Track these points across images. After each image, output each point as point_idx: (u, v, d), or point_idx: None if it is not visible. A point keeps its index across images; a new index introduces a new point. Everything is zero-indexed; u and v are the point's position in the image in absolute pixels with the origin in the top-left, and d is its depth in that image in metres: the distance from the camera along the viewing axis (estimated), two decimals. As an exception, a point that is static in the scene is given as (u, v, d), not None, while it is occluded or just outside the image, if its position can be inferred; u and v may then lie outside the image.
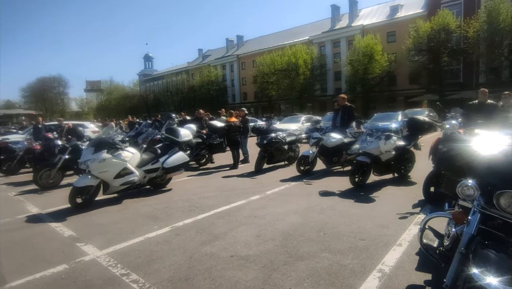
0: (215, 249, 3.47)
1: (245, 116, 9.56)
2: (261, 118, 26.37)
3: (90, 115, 61.09)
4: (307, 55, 38.08)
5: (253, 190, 6.15)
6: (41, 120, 13.12)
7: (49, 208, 5.46)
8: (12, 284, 2.92)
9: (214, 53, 61.50)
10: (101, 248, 3.65)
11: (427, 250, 2.52)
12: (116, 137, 5.72)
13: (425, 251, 2.53)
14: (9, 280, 3.00)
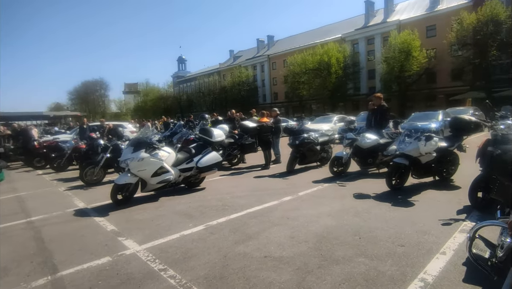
0: (248, 249, 3.50)
1: (277, 116, 9.54)
2: (292, 119, 26.14)
3: (128, 116, 64.21)
4: (340, 54, 37.18)
5: (285, 190, 6.13)
6: (86, 121, 14.02)
7: (93, 203, 5.83)
8: (63, 273, 3.15)
9: (245, 54, 62.03)
10: (140, 243, 3.83)
11: (477, 260, 2.35)
12: (153, 138, 5.97)
13: (475, 261, 2.36)
14: (60, 269, 3.25)
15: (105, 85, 71.05)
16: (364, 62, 40.93)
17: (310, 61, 37.29)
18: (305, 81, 38.27)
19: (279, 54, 50.75)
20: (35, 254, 3.68)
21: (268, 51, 55.21)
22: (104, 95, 71.95)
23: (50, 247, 3.86)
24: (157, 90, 67.06)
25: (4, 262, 3.49)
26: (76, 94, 68.77)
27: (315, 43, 42.81)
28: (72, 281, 2.97)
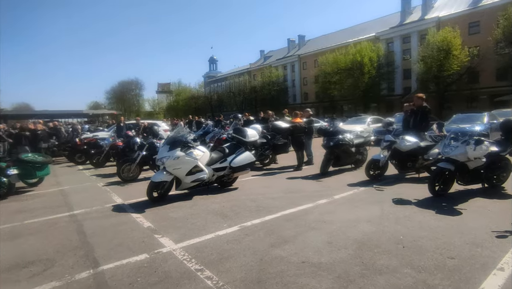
0: (285, 252, 3.40)
1: (310, 117, 9.35)
2: (323, 119, 25.63)
3: (160, 114, 66.39)
4: (373, 53, 35.95)
5: (319, 193, 5.95)
6: (123, 120, 14.62)
7: (130, 199, 6.00)
8: (104, 267, 3.23)
9: (276, 54, 61.85)
10: (176, 241, 3.85)
11: None
12: (189, 137, 6.03)
13: None
14: (101, 263, 3.34)
15: (140, 85, 73.85)
16: (399, 61, 39.31)
17: (342, 61, 36.40)
18: (336, 81, 37.43)
19: (310, 54, 50.09)
20: (77, 247, 3.82)
21: (299, 51, 54.68)
22: (138, 95, 74.77)
23: (92, 241, 4.00)
24: (188, 90, 68.68)
25: (50, 253, 3.66)
26: (112, 94, 72.08)
27: (347, 42, 41.74)
28: (113, 276, 3.03)
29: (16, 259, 3.57)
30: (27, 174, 7.19)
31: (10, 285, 2.98)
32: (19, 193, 7.03)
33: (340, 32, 50.66)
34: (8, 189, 6.71)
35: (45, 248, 3.84)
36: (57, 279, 3.04)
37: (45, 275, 3.14)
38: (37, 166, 7.23)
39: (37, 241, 4.09)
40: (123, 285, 2.87)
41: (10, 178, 6.69)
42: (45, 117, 35.68)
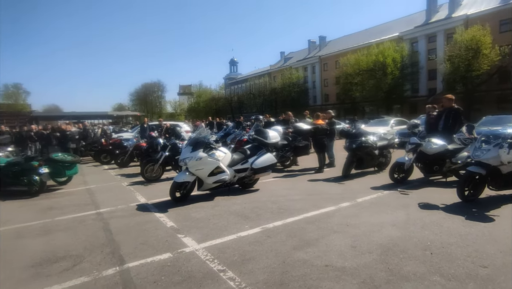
0: (308, 256, 3.36)
1: (332, 118, 9.21)
2: (344, 121, 25.19)
3: (181, 116, 67.58)
4: (397, 53, 34.96)
5: (342, 196, 5.85)
6: (146, 121, 15.01)
7: (153, 199, 6.13)
8: (129, 265, 3.32)
9: (296, 55, 61.55)
10: (198, 241, 3.89)
11: None
12: (211, 138, 6.10)
13: None
14: (127, 260, 3.43)
15: (162, 87, 75.56)
16: (424, 61, 38.03)
17: (364, 62, 35.67)
18: (358, 82, 36.71)
19: (331, 55, 49.45)
20: (104, 244, 3.94)
21: (320, 52, 54.13)
22: (161, 97, 76.51)
23: (117, 238, 4.11)
24: (209, 92, 69.54)
25: (79, 250, 3.80)
26: (136, 96, 74.14)
27: (369, 42, 40.87)
28: (138, 274, 3.10)
29: (48, 254, 3.73)
30: (57, 172, 7.51)
31: (42, 279, 3.11)
32: (50, 191, 7.36)
33: (362, 32, 49.73)
34: (40, 186, 7.05)
35: (74, 244, 3.99)
36: (86, 274, 3.15)
37: (74, 271, 3.26)
38: (66, 165, 7.55)
39: (67, 237, 4.26)
40: (148, 283, 2.93)
41: (41, 176, 7.01)
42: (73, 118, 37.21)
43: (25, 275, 3.22)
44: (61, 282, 3.03)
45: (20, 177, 7.08)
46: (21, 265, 3.45)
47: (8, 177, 7.13)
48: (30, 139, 13.69)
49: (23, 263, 3.52)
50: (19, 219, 5.22)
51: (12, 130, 15.55)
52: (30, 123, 20.37)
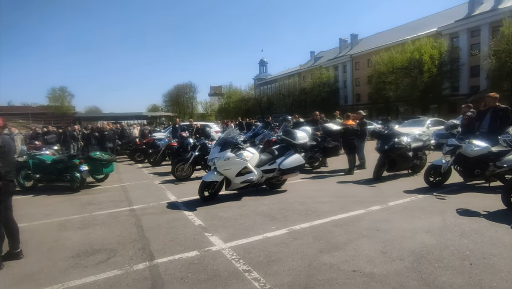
0: (334, 259, 3.28)
1: (363, 119, 8.93)
2: (376, 121, 24.28)
3: (212, 116, 68.91)
4: (434, 50, 33.09)
5: (372, 199, 5.65)
6: (178, 121, 15.47)
7: (183, 197, 6.31)
8: (158, 261, 3.43)
9: (327, 54, 60.41)
10: (225, 240, 3.94)
11: None
12: (239, 138, 6.16)
13: None
14: (156, 256, 3.55)
15: (194, 88, 77.50)
16: (466, 57, 35.68)
17: (398, 60, 34.19)
18: (391, 81, 35.25)
19: (363, 54, 47.96)
20: (136, 239, 4.12)
21: (351, 50, 52.71)
22: (192, 98, 78.46)
23: (148, 235, 4.27)
24: (239, 93, 70.28)
25: (113, 244, 3.99)
26: (169, 97, 76.64)
27: (404, 39, 39.10)
28: (166, 270, 3.20)
29: (86, 246, 3.97)
30: (96, 170, 7.96)
31: (80, 270, 3.31)
32: (89, 187, 7.82)
33: (396, 29, 47.71)
34: (80, 183, 7.51)
35: (109, 238, 4.21)
36: (118, 268, 3.30)
37: (108, 264, 3.43)
38: (103, 163, 7.98)
39: (103, 232, 4.50)
40: (175, 279, 3.01)
41: (82, 173, 7.47)
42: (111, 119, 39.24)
43: (66, 265, 3.45)
44: (97, 274, 3.20)
45: (63, 173, 7.60)
46: (63, 256, 3.70)
47: (53, 174, 7.69)
48: (73, 139, 14.66)
49: (65, 254, 3.77)
50: (62, 213, 5.61)
51: (58, 130, 16.72)
52: (74, 124, 21.78)
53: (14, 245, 3.71)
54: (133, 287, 2.90)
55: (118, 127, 16.76)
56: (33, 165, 7.77)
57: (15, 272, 3.36)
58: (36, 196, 7.22)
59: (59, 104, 64.77)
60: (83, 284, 3.01)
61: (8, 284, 3.10)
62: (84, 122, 37.97)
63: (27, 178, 7.86)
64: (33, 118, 63.73)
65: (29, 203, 6.59)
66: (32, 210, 5.92)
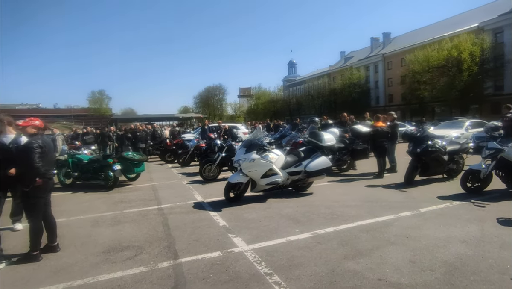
0: (359, 266, 3.17)
1: (394, 120, 8.58)
2: (410, 123, 23.18)
3: (241, 118, 69.59)
4: (475, 46, 31.04)
5: (402, 204, 5.40)
6: (207, 123, 15.79)
7: (209, 198, 6.41)
8: (182, 260, 3.51)
9: (357, 54, 58.85)
10: (248, 242, 3.95)
11: None
12: (264, 140, 6.15)
13: None
14: (180, 255, 3.63)
15: (223, 90, 78.79)
16: (511, 54, 33.14)
17: (434, 58, 32.47)
18: (427, 80, 33.55)
19: (396, 53, 46.13)
20: (162, 238, 4.24)
21: (383, 50, 50.93)
22: (222, 99, 79.77)
23: (174, 234, 4.39)
24: (268, 94, 70.42)
25: (141, 241, 4.14)
26: (199, 98, 78.48)
27: (441, 36, 37.10)
28: (189, 269, 3.26)
29: (115, 242, 4.15)
30: (128, 169, 8.31)
31: (110, 265, 3.47)
32: (121, 186, 8.19)
33: (431, 26, 45.43)
34: (114, 181, 7.88)
35: (137, 236, 4.37)
36: (144, 265, 3.42)
37: (135, 260, 3.56)
38: (135, 163, 8.31)
39: (132, 229, 4.68)
40: (197, 279, 3.06)
41: (115, 173, 7.83)
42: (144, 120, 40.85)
43: (97, 260, 3.63)
44: (124, 270, 3.33)
45: (98, 172, 8.02)
46: (95, 251, 3.90)
47: (89, 172, 8.14)
48: (109, 139, 15.44)
49: (96, 249, 3.97)
50: (96, 210, 5.91)
51: (96, 131, 17.69)
52: (110, 125, 22.94)
53: (52, 239, 3.97)
54: (157, 285, 2.98)
55: (149, 128, 17.39)
56: (72, 163, 8.29)
57: (52, 264, 3.59)
58: (74, 192, 7.68)
59: (97, 107, 68.73)
60: (111, 279, 3.15)
61: (45, 275, 3.32)
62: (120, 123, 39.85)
63: (67, 176, 8.40)
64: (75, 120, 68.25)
65: (67, 199, 7.02)
66: (70, 206, 6.30)
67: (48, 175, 3.86)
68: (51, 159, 4.05)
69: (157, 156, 14.66)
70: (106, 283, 3.08)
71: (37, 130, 3.87)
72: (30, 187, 3.64)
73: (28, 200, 3.75)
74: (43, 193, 3.82)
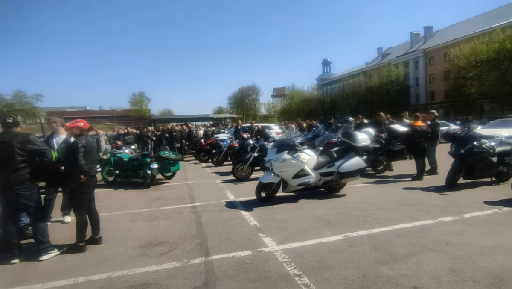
0: (393, 272, 3.04)
1: (435, 119, 8.10)
2: (454, 122, 21.65)
3: (274, 118, 69.58)
4: (532, 37, 28.28)
5: (443, 209, 5.08)
6: (240, 123, 16.01)
7: (241, 197, 6.49)
8: (213, 257, 3.60)
9: (396, 50, 56.18)
10: (278, 242, 3.95)
11: None
12: (296, 140, 6.11)
13: None
14: (212, 253, 3.73)
15: (257, 90, 79.39)
16: None
17: (483, 51, 30.08)
18: (474, 76, 31.16)
19: (439, 47, 43.30)
20: (195, 235, 4.37)
21: (424, 44, 48.08)
22: (255, 99, 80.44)
23: (206, 231, 4.51)
24: (301, 94, 69.73)
25: (175, 237, 4.31)
26: (233, 99, 79.79)
27: (491, 27, 34.24)
28: (219, 267, 3.34)
29: (151, 237, 4.36)
30: (164, 168, 8.67)
31: (145, 259, 3.65)
32: (158, 184, 8.56)
33: (479, 17, 42.10)
34: (151, 179, 8.27)
35: (171, 232, 4.55)
36: (178, 260, 3.56)
37: (169, 255, 3.71)
38: (171, 162, 8.65)
39: (166, 225, 4.88)
40: (227, 276, 3.12)
41: (152, 171, 8.21)
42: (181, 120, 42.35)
43: (134, 253, 3.84)
44: (158, 264, 3.49)
45: (137, 170, 8.47)
46: (133, 245, 4.13)
47: (129, 170, 8.62)
48: (148, 138, 16.21)
49: (134, 243, 4.20)
50: (135, 206, 6.24)
51: (136, 131, 18.67)
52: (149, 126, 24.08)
53: (95, 232, 4.27)
54: (189, 280, 3.09)
55: (184, 128, 17.98)
56: (114, 162, 8.82)
57: (95, 255, 3.86)
58: (115, 189, 8.17)
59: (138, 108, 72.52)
60: (147, 272, 3.31)
61: (89, 265, 3.58)
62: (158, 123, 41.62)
63: (109, 173, 8.95)
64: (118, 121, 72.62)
65: (109, 195, 7.48)
66: (111, 202, 6.71)
67: (92, 173, 4.15)
68: (94, 157, 4.34)
69: (192, 155, 15.13)
70: (142, 275, 3.25)
71: (82, 131, 4.18)
72: (76, 183, 3.94)
73: (74, 195, 4.07)
74: (87, 189, 4.11)
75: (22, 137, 3.75)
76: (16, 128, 3.88)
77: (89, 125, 4.50)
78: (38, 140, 3.91)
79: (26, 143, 3.71)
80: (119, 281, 3.16)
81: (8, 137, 3.72)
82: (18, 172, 3.69)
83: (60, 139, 4.93)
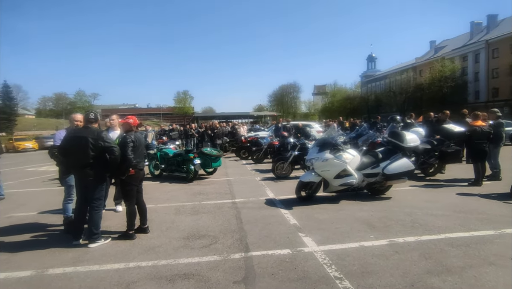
0: (446, 285, 2.80)
1: (498, 119, 7.32)
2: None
3: (315, 116, 68.37)
4: None
5: (507, 219, 4.57)
6: (280, 121, 15.96)
7: (280, 195, 6.46)
8: (253, 253, 3.62)
9: (451, 43, 51.82)
10: (318, 243, 3.85)
11: None
12: (339, 139, 5.91)
13: None
14: (251, 249, 3.75)
15: (297, 88, 78.64)
16: None
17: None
18: (546, 70, 27.74)
19: (505, 38, 38.99)
20: (235, 230, 4.44)
21: (487, 35, 43.59)
22: (296, 97, 79.74)
23: (246, 227, 4.55)
24: (344, 91, 67.67)
25: (216, 231, 4.42)
26: (274, 97, 79.85)
27: None
28: (259, 263, 3.34)
29: (194, 230, 4.51)
30: (206, 164, 8.93)
31: (188, 251, 3.79)
32: (200, 179, 8.84)
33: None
34: (194, 174, 8.56)
35: (213, 226, 4.67)
36: (218, 254, 3.63)
37: (210, 249, 3.81)
38: (212, 158, 8.88)
39: (208, 219, 5.02)
40: (267, 274, 3.11)
41: (195, 166, 8.50)
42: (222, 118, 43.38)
43: (178, 244, 4.00)
44: (200, 256, 3.60)
45: (181, 165, 8.82)
46: (177, 236, 4.31)
47: (173, 165, 9.01)
48: (191, 135, 16.84)
49: (178, 234, 4.38)
50: (179, 199, 6.51)
51: (180, 128, 19.50)
52: (192, 123, 25.00)
53: (143, 221, 4.53)
54: (229, 274, 3.14)
55: (224, 126, 18.37)
56: (160, 156, 9.28)
57: (143, 243, 4.09)
58: (161, 183, 8.59)
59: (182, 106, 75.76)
60: (189, 263, 3.43)
61: (138, 252, 3.80)
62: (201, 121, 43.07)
63: (156, 167, 9.44)
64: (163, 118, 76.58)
65: (156, 188, 7.89)
66: (157, 194, 7.07)
67: (140, 166, 4.39)
68: (142, 152, 4.59)
69: (232, 152, 15.40)
70: (185, 266, 3.37)
71: (131, 127, 4.43)
72: (125, 175, 4.21)
73: (124, 186, 4.34)
74: (135, 181, 4.36)
75: (96, 133, 4.07)
76: (95, 124, 4.23)
77: (138, 121, 4.75)
78: (109, 138, 4.22)
79: (98, 140, 4.02)
80: (164, 269, 3.31)
81: (85, 133, 4.06)
82: (88, 166, 4.01)
83: (115, 135, 5.30)
